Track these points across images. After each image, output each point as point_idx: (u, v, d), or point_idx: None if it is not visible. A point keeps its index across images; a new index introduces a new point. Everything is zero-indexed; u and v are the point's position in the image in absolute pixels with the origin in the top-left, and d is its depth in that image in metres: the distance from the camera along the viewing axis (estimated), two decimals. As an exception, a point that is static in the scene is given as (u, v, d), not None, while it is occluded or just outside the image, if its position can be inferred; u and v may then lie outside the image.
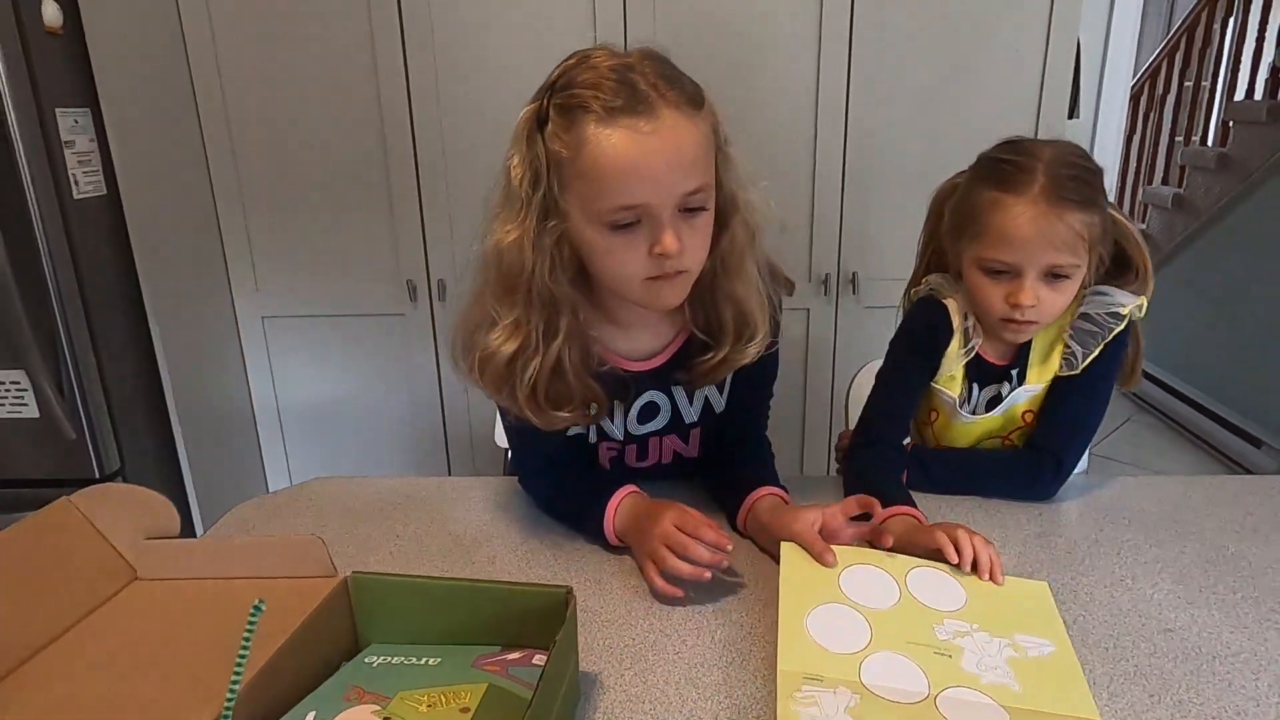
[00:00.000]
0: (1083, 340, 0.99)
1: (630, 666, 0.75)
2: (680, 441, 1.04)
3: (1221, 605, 0.81)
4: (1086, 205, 0.92)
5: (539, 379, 0.86)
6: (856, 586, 0.78)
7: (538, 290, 0.84)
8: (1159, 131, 3.92)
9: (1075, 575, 0.87)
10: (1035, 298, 0.94)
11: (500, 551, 0.94)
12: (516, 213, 0.82)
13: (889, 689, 0.67)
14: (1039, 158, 0.93)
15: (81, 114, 1.62)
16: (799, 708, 0.65)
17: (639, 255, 0.80)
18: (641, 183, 0.77)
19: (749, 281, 0.89)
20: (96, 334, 1.66)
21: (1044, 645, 0.73)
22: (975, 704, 0.66)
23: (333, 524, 1.01)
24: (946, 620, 0.75)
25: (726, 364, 0.92)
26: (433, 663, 0.69)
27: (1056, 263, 0.93)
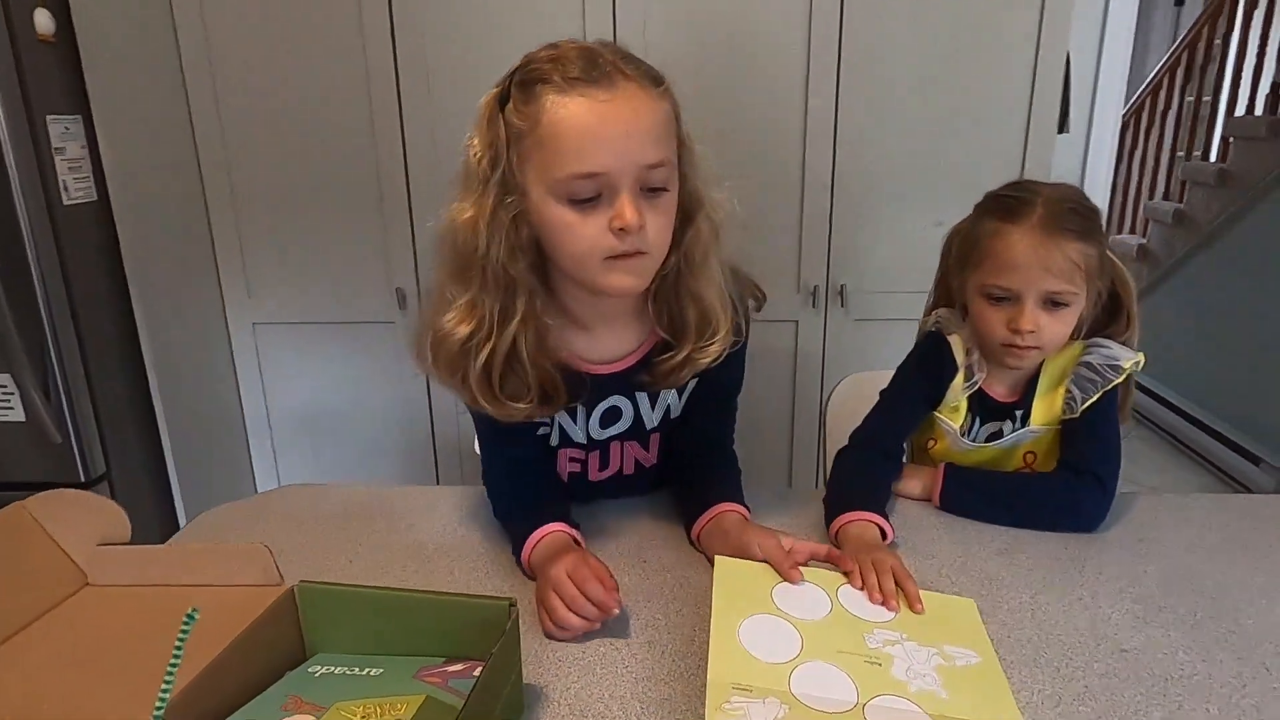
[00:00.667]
0: (1083, 386, 1.02)
1: (577, 680, 0.74)
2: (641, 448, 1.04)
3: (1179, 625, 0.81)
4: (1083, 236, 0.97)
5: (493, 365, 0.84)
6: (788, 599, 0.79)
7: (493, 271, 0.82)
8: (1160, 147, 3.91)
9: (1034, 593, 0.86)
10: (1035, 324, 0.98)
11: (459, 562, 0.94)
12: (473, 192, 0.82)
13: (818, 698, 0.68)
14: (1039, 193, 0.99)
15: (73, 121, 1.63)
16: (725, 719, 0.65)
17: (598, 230, 0.79)
18: (599, 148, 0.76)
19: (712, 279, 0.89)
20: (84, 338, 1.67)
21: (970, 656, 0.74)
22: (902, 711, 0.67)
23: (297, 532, 1.02)
24: (876, 630, 0.76)
25: (689, 363, 0.91)
26: (375, 673, 0.69)
27: (1055, 289, 0.97)
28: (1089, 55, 2.13)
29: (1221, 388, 3.14)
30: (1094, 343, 1.04)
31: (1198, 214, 3.34)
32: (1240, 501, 1.06)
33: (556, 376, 0.88)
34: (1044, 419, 1.06)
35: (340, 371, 2.14)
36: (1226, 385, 3.12)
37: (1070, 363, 1.04)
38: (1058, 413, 1.04)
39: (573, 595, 0.79)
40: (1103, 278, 1.01)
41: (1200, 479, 3.06)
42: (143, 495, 1.87)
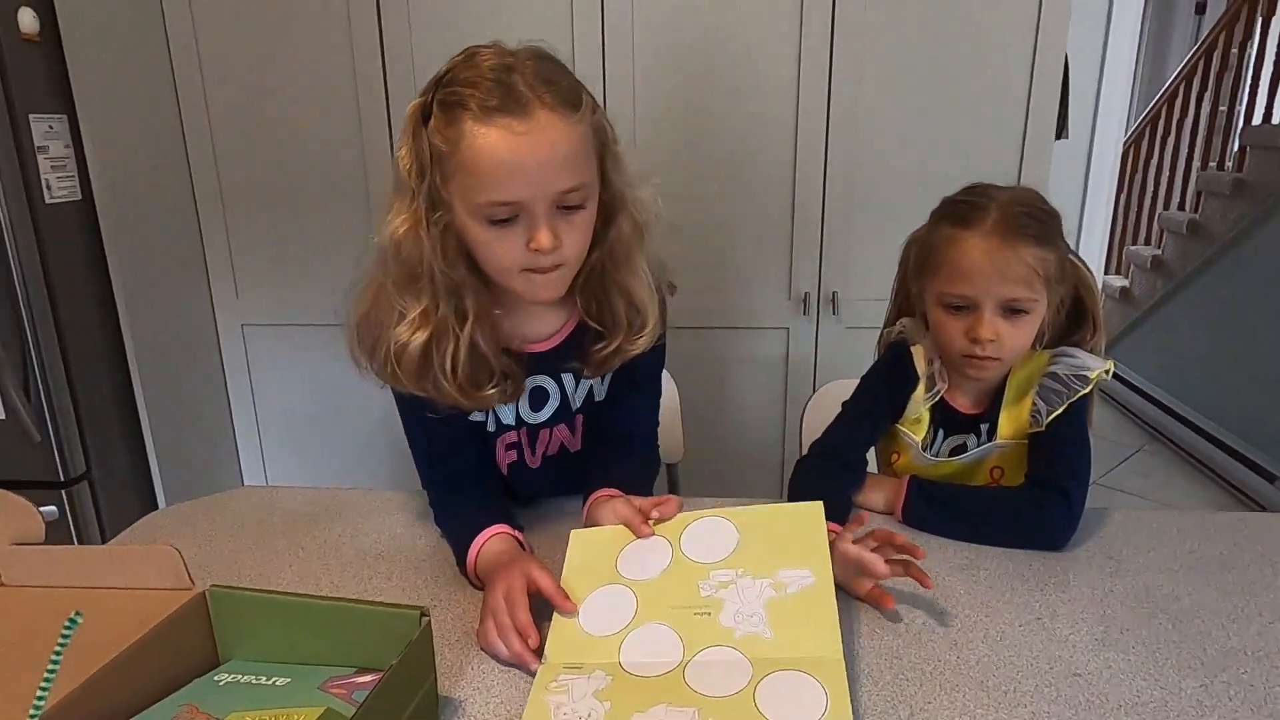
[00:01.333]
0: (1048, 398, 0.98)
1: (499, 694, 0.72)
2: (567, 431, 1.04)
3: (1140, 649, 0.76)
4: (1040, 241, 0.94)
5: (459, 362, 0.87)
6: (631, 561, 0.82)
7: (439, 279, 0.85)
8: (1176, 156, 3.83)
9: (990, 612, 0.82)
10: (994, 332, 0.95)
11: (401, 567, 0.92)
12: (408, 203, 0.84)
13: (643, 664, 0.72)
14: (994, 198, 0.96)
15: (57, 120, 1.63)
16: (548, 697, 0.68)
17: (516, 248, 0.82)
18: (515, 180, 0.79)
19: (638, 275, 0.92)
20: (65, 337, 1.67)
21: (804, 578, 0.77)
22: (723, 662, 0.71)
23: (245, 534, 1.00)
24: (712, 572, 0.79)
25: (620, 353, 0.94)
26: (281, 683, 0.66)
27: (1012, 296, 0.94)
28: (1092, 59, 2.09)
29: (1236, 402, 3.06)
30: (1060, 352, 1.01)
31: (1213, 225, 3.26)
32: (1221, 519, 1.01)
33: (512, 363, 0.92)
34: (1010, 432, 1.02)
35: (329, 374, 2.12)
36: (1241, 400, 3.04)
37: (1036, 373, 1.01)
38: (1024, 425, 1.00)
39: (503, 625, 0.76)
40: (1064, 283, 0.98)
41: (1213, 496, 2.98)
42: (126, 496, 1.87)
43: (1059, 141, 1.94)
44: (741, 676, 0.70)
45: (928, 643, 0.77)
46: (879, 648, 0.77)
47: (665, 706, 0.67)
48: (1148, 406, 3.49)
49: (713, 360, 2.03)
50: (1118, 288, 3.88)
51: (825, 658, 0.71)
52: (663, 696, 0.68)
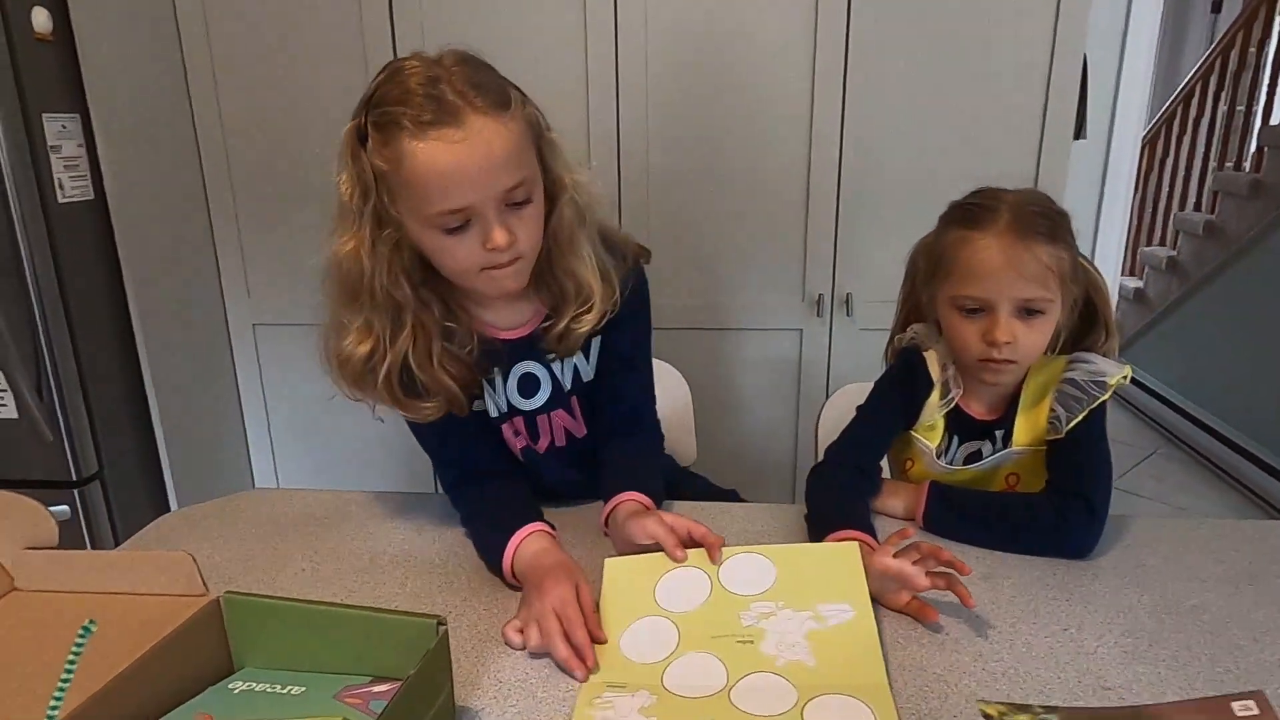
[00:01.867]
0: (1067, 404, 0.96)
1: (515, 704, 0.70)
2: (567, 416, 1.05)
3: (1170, 662, 0.75)
4: (1053, 239, 0.93)
5: (392, 376, 0.90)
6: (670, 592, 0.81)
7: (379, 295, 0.88)
8: (1192, 156, 3.79)
9: (1015, 623, 0.80)
10: (1011, 334, 0.93)
11: (415, 573, 0.91)
12: (350, 225, 0.86)
13: (688, 686, 0.71)
14: (1004, 199, 0.95)
15: (70, 119, 1.63)
16: (594, 712, 0.67)
17: (473, 251, 0.85)
18: (461, 187, 0.81)
19: (581, 256, 0.94)
20: (78, 337, 1.67)
21: (844, 611, 0.77)
22: (768, 688, 0.70)
23: (256, 537, 0.99)
24: (753, 604, 0.79)
25: (569, 333, 0.96)
26: (296, 691, 0.65)
27: (1028, 296, 0.92)
28: (1110, 59, 2.06)
29: (1252, 405, 3.02)
30: (1077, 357, 0.99)
31: (1229, 226, 3.23)
32: (1249, 528, 0.99)
33: (456, 377, 0.93)
34: (1027, 439, 1.00)
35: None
36: (1257, 403, 3.01)
37: (1053, 379, 0.99)
38: (1041, 432, 0.99)
39: (551, 633, 0.75)
40: (1076, 283, 0.96)
41: (1228, 500, 2.95)
42: (138, 495, 1.87)
43: (1077, 142, 1.92)
44: (788, 699, 0.69)
45: (952, 654, 0.76)
46: (903, 659, 0.76)
47: None
48: (1163, 409, 3.46)
49: (725, 362, 2.01)
50: (1132, 289, 3.85)
51: (871, 684, 0.70)
52: (709, 714, 0.67)
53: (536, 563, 0.84)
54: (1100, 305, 1.01)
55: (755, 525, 1.01)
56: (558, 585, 0.79)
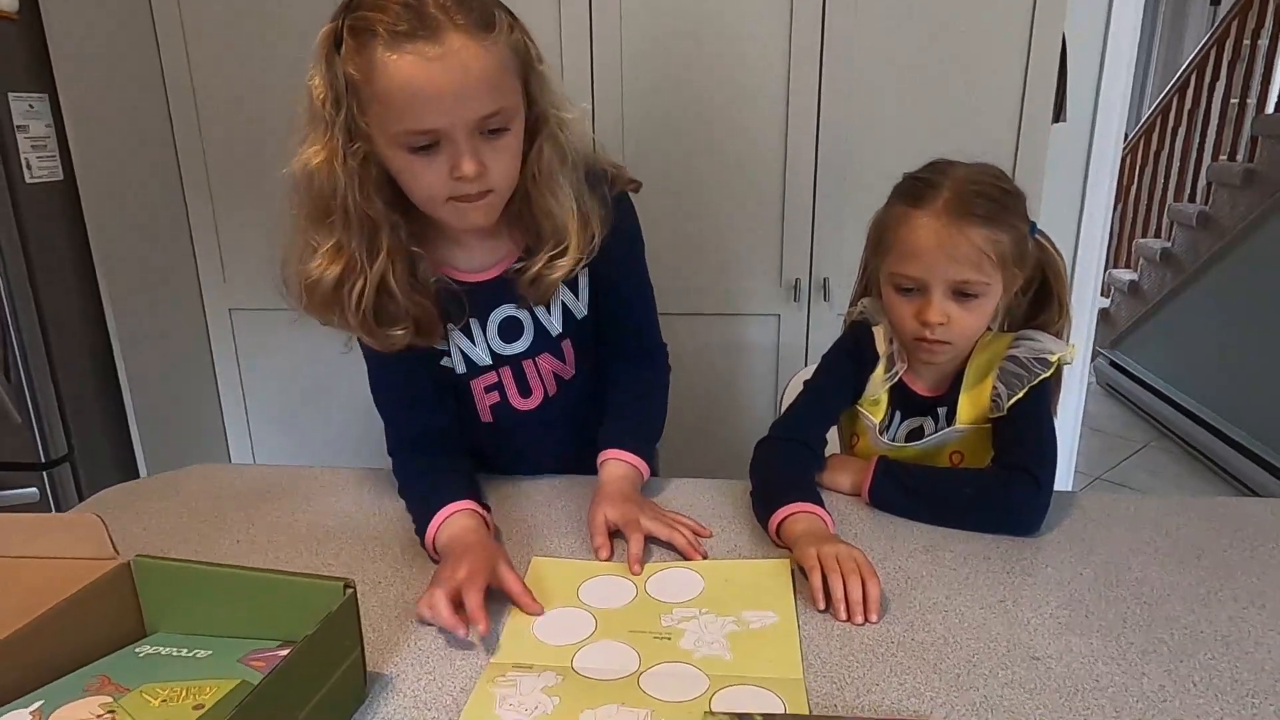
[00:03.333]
0: (1009, 382, 0.95)
1: (431, 670, 0.69)
2: (555, 360, 1.02)
3: (1104, 633, 0.73)
4: (991, 222, 0.91)
5: (366, 300, 0.86)
6: (593, 592, 0.80)
7: (354, 213, 0.83)
8: (1188, 146, 3.76)
9: (951, 594, 0.79)
10: (943, 315, 0.92)
11: (350, 544, 0.90)
12: (322, 134, 0.81)
13: (596, 669, 0.69)
14: (949, 175, 0.93)
15: (38, 99, 1.62)
16: (495, 689, 0.66)
17: (440, 177, 0.81)
18: (431, 109, 0.77)
19: (558, 197, 0.89)
20: (46, 318, 1.66)
21: (768, 617, 0.76)
22: (680, 675, 0.68)
23: (196, 511, 0.98)
24: (675, 609, 0.77)
25: (541, 278, 0.91)
26: (202, 655, 0.64)
27: (961, 278, 0.91)
28: (1093, 42, 2.04)
29: (1246, 398, 3.00)
30: (1022, 335, 0.98)
31: (1223, 216, 3.20)
32: (1203, 504, 0.97)
33: (428, 304, 0.90)
34: (970, 417, 0.98)
35: (318, 359, 2.10)
36: (1251, 395, 2.98)
37: (996, 356, 0.97)
38: (985, 410, 0.97)
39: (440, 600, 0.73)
40: (1023, 265, 0.94)
41: (1221, 492, 2.92)
42: (109, 478, 1.84)
43: (1059, 126, 1.90)
44: (698, 686, 0.67)
45: (882, 622, 0.75)
46: (830, 626, 0.74)
47: (618, 706, 0.64)
48: (1155, 402, 3.43)
49: (702, 347, 2.00)
50: (1126, 281, 3.82)
51: (786, 678, 0.68)
52: (615, 697, 0.65)
53: (457, 541, 0.82)
54: (1055, 286, 1.00)
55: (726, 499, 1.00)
56: (472, 560, 0.77)
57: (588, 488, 0.97)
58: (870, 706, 0.65)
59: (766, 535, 0.90)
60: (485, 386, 1.00)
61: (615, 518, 0.88)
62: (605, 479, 0.95)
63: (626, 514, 0.88)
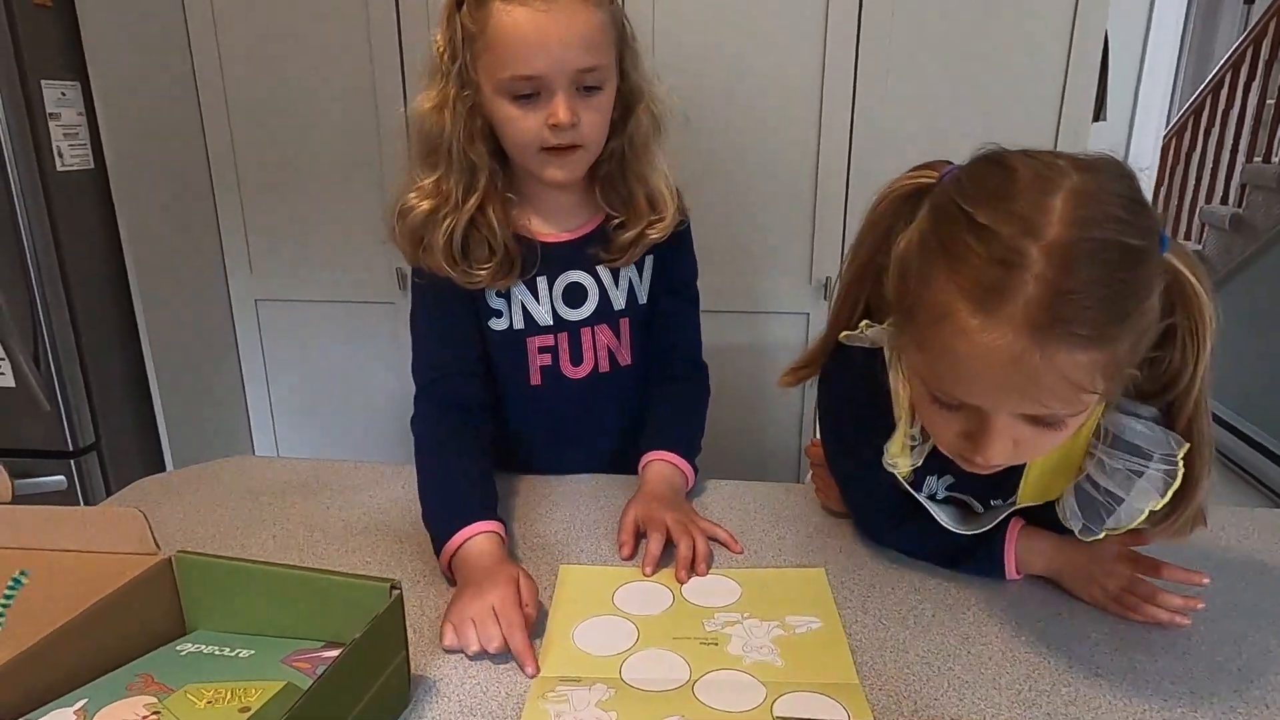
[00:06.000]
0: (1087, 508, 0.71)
1: (475, 675, 0.68)
2: (612, 335, 1.03)
3: (1169, 649, 0.70)
4: (1101, 336, 0.56)
5: (456, 231, 0.91)
6: (629, 599, 0.79)
7: (456, 155, 0.90)
8: (1220, 148, 3.70)
9: (1009, 605, 0.77)
10: (1006, 450, 0.63)
11: (385, 541, 0.88)
12: (437, 83, 0.89)
13: (648, 680, 0.67)
14: (1040, 231, 0.55)
15: (70, 87, 1.62)
16: (547, 705, 0.64)
17: (536, 125, 0.87)
18: (537, 54, 0.83)
19: (655, 166, 0.97)
20: (76, 306, 1.66)
21: (812, 622, 0.74)
22: (734, 683, 0.66)
23: (232, 503, 0.97)
24: (717, 614, 0.76)
25: (642, 239, 0.97)
26: (245, 655, 0.63)
27: (1038, 414, 0.61)
28: (1134, 39, 2.00)
29: (1276, 403, 2.94)
30: (1125, 407, 0.68)
31: (1257, 219, 3.14)
32: (1261, 516, 0.94)
33: (515, 245, 0.94)
34: (1038, 496, 0.77)
35: (344, 351, 2.10)
36: None
37: (1081, 445, 0.71)
38: (1056, 493, 0.75)
39: (489, 635, 0.70)
40: (1140, 347, 0.61)
41: (1251, 501, 2.87)
42: (136, 467, 1.86)
43: (1098, 126, 1.86)
44: (756, 695, 0.65)
45: (938, 635, 0.72)
46: (884, 638, 0.72)
47: (679, 718, 0.62)
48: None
49: (731, 346, 1.97)
50: (1155, 284, 3.76)
51: (842, 683, 0.66)
52: (674, 709, 0.63)
53: (477, 564, 0.78)
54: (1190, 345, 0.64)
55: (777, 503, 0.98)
56: (496, 586, 0.73)
57: (628, 488, 0.95)
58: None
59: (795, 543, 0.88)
60: (540, 347, 1.01)
61: (643, 516, 0.88)
62: (645, 479, 0.95)
63: (653, 513, 0.87)
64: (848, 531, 0.90)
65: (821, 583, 0.80)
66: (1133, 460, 0.67)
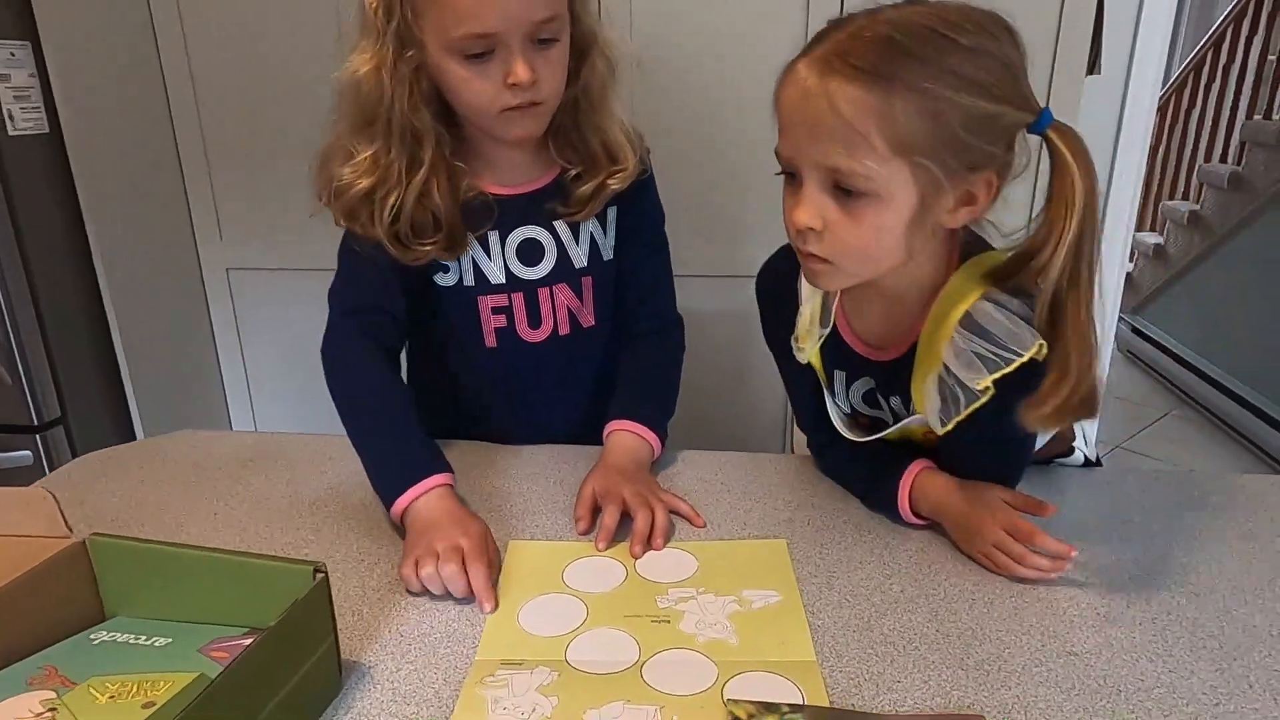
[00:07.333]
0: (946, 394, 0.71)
1: (413, 660, 0.64)
2: (573, 295, 0.97)
3: (1148, 626, 0.67)
4: (876, 80, 0.62)
5: (404, 212, 0.85)
6: (580, 576, 0.75)
7: (397, 122, 0.83)
8: (1221, 105, 3.62)
9: (979, 581, 0.73)
10: (815, 215, 0.66)
11: (333, 518, 0.84)
12: (373, 43, 0.81)
13: (594, 662, 0.63)
14: (882, 12, 0.66)
15: (19, 46, 1.55)
16: (485, 690, 0.60)
17: (494, 85, 0.81)
18: (490, 10, 0.77)
19: (611, 114, 0.91)
20: (35, 276, 1.60)
21: (770, 596, 0.71)
22: (684, 663, 0.63)
23: (178, 479, 0.93)
24: (671, 590, 0.72)
25: (602, 190, 0.92)
26: (161, 644, 0.59)
27: (830, 164, 0.64)
28: (1130, -9, 1.92)
29: (1273, 366, 2.90)
30: (991, 296, 0.69)
31: (1257, 177, 3.07)
32: (1250, 483, 0.90)
33: (460, 222, 0.88)
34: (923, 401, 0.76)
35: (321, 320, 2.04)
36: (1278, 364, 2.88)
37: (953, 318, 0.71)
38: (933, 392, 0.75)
39: (454, 574, 0.70)
40: (958, 154, 0.64)
41: (1245, 465, 2.84)
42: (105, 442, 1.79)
43: (1092, 79, 1.80)
44: (707, 677, 0.62)
45: (904, 613, 0.69)
46: (847, 616, 0.68)
47: (624, 703, 0.59)
48: (1178, 369, 3.33)
49: (713, 311, 1.92)
50: (1151, 245, 3.70)
51: (799, 661, 0.63)
52: (619, 694, 0.60)
53: (437, 518, 0.76)
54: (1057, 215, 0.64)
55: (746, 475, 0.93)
56: (467, 532, 0.73)
57: (589, 460, 0.91)
58: (892, 705, 0.59)
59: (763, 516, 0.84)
60: (493, 307, 0.96)
61: (600, 489, 0.83)
62: (607, 449, 0.91)
63: (611, 486, 0.83)
64: (818, 505, 0.86)
65: (783, 554, 0.77)
66: (981, 344, 0.69)
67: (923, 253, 0.72)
